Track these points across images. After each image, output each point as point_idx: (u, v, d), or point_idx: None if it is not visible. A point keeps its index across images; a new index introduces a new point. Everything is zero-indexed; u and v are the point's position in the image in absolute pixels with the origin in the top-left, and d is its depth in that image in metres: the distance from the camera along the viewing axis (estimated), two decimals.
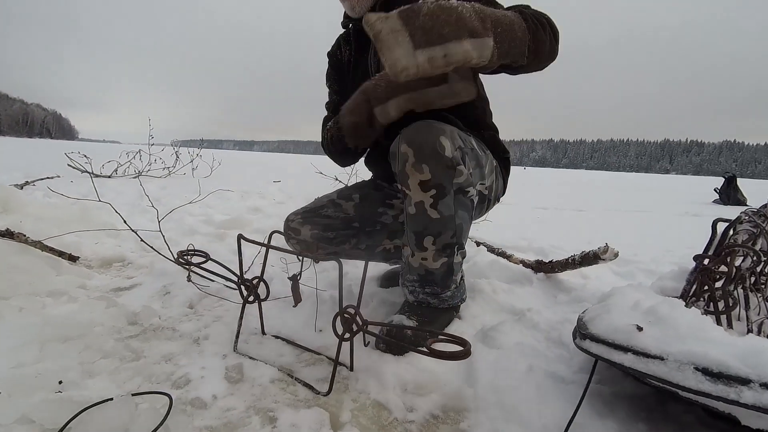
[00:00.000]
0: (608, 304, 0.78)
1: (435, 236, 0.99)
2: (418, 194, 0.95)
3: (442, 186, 0.94)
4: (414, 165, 0.91)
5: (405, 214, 1.04)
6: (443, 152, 0.90)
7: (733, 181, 6.95)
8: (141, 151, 6.06)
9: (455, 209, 0.98)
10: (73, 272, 1.45)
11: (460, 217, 1.00)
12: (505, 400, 0.84)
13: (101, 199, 1.85)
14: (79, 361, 0.90)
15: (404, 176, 0.95)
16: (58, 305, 1.19)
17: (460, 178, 0.94)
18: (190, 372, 0.90)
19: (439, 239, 1.00)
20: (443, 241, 1.00)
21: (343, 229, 1.29)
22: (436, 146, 0.89)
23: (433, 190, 0.93)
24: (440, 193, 0.94)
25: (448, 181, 0.94)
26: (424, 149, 0.90)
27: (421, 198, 0.95)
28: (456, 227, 1.00)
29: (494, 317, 1.26)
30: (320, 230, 1.26)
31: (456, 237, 1.02)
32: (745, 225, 0.91)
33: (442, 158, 0.90)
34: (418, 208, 0.97)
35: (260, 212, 3.12)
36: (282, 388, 0.88)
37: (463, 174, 0.95)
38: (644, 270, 1.90)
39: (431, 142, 0.90)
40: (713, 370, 0.57)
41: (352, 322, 0.88)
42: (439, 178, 0.92)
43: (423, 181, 0.92)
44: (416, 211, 0.98)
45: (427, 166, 0.91)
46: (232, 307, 1.25)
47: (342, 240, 1.29)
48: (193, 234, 2.18)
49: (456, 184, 0.95)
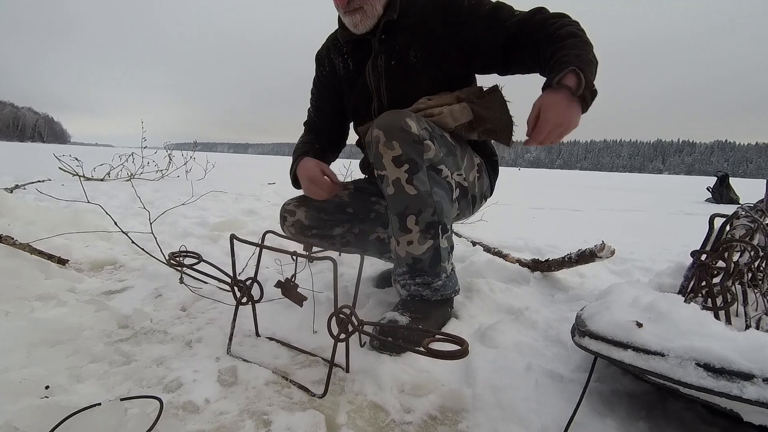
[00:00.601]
0: (607, 301, 0.77)
1: (416, 214, 1.01)
2: (393, 171, 0.99)
3: (414, 161, 0.98)
4: (385, 143, 0.97)
5: (386, 200, 1.06)
6: (410, 129, 0.96)
7: (726, 180, 7.01)
8: (134, 154, 6.00)
9: (431, 186, 1.01)
10: (63, 276, 1.42)
11: (438, 195, 1.03)
12: (503, 399, 0.82)
13: (92, 201, 1.82)
14: (67, 366, 0.88)
15: (378, 157, 1.00)
16: (47, 309, 1.16)
17: (429, 153, 0.99)
18: (183, 375, 0.88)
19: (420, 217, 1.02)
20: (425, 219, 1.02)
21: (337, 213, 1.30)
22: (402, 125, 0.96)
23: (405, 165, 0.98)
24: (413, 167, 0.98)
25: (418, 155, 0.98)
26: (392, 128, 0.96)
27: (397, 174, 0.99)
28: (435, 204, 1.02)
29: (492, 316, 1.25)
30: (315, 212, 1.27)
31: (437, 215, 1.03)
32: (742, 220, 0.91)
33: (409, 134, 0.96)
34: (396, 186, 1.01)
35: (255, 214, 3.09)
36: (277, 391, 0.86)
37: (432, 149, 0.99)
38: (641, 268, 1.90)
39: (398, 121, 0.97)
40: (715, 366, 0.56)
41: (348, 322, 0.86)
42: (409, 153, 0.97)
43: (395, 156, 0.97)
44: (395, 189, 1.01)
45: (396, 142, 0.96)
46: (225, 309, 1.23)
47: (335, 223, 1.30)
48: (186, 236, 2.15)
49: (427, 160, 0.99)
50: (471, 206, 1.26)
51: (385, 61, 1.08)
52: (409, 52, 1.05)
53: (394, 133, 0.97)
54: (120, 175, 5.54)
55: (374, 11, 1.02)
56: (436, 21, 1.02)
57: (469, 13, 1.04)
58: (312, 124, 1.34)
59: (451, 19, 1.05)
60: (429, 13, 1.01)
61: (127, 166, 5.71)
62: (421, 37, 1.03)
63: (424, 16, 1.02)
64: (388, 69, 1.08)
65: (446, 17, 1.04)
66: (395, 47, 1.06)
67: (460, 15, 1.05)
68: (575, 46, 0.91)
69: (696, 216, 4.69)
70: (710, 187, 7.25)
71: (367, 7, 1.01)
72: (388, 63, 1.08)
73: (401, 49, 1.05)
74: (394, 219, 1.04)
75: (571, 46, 0.91)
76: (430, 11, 1.02)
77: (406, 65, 1.06)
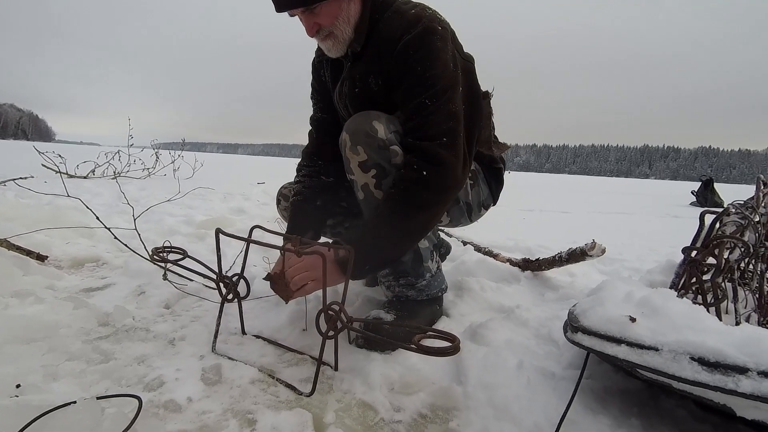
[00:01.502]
0: (600, 297, 0.76)
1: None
2: (361, 176, 0.99)
3: (381, 166, 0.97)
4: (351, 148, 0.97)
5: (360, 204, 1.05)
6: (375, 134, 0.95)
7: (710, 184, 7.14)
8: (120, 152, 5.89)
9: None
10: (42, 272, 1.37)
11: None
12: (495, 397, 0.81)
13: (74, 197, 1.77)
14: (42, 364, 0.84)
15: (347, 161, 1.00)
16: (23, 306, 1.11)
17: (396, 158, 0.97)
18: (164, 374, 0.85)
19: None
20: None
21: (332, 206, 1.26)
22: (368, 129, 0.95)
23: (373, 170, 0.97)
24: (380, 173, 0.98)
25: (385, 161, 0.97)
26: (358, 133, 0.96)
27: (365, 180, 0.99)
28: None
29: (483, 315, 1.24)
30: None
31: None
32: (732, 217, 0.91)
33: (374, 139, 0.95)
34: (365, 191, 1.00)
35: (244, 213, 3.04)
36: (262, 389, 0.83)
37: (398, 155, 0.97)
38: (630, 268, 1.91)
39: (364, 126, 0.96)
40: (710, 360, 0.55)
41: (337, 319, 0.84)
42: (375, 158, 0.96)
43: (361, 162, 0.97)
44: (364, 195, 1.01)
45: (361, 147, 0.96)
46: (211, 307, 1.20)
47: (329, 214, 1.26)
48: (172, 234, 2.10)
49: (395, 165, 0.98)
50: (466, 214, 1.23)
51: (349, 88, 1.08)
52: (369, 80, 1.03)
53: (359, 138, 0.96)
54: (105, 173, 5.42)
55: (345, 35, 1.00)
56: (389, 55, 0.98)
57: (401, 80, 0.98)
58: (320, 121, 1.26)
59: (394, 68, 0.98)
60: (386, 47, 0.98)
61: (113, 164, 5.60)
62: (378, 66, 1.01)
63: (383, 48, 0.98)
64: (351, 95, 1.08)
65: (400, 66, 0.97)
66: (356, 75, 1.05)
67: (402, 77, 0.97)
68: (375, 222, 0.95)
69: (682, 219, 4.77)
70: (695, 191, 7.38)
71: (337, 32, 0.99)
72: (352, 90, 1.07)
73: (361, 77, 1.04)
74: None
75: (372, 222, 0.95)
76: (387, 46, 0.98)
77: (368, 93, 1.05)
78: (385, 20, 1.00)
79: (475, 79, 1.10)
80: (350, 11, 0.98)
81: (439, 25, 0.97)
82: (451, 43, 1.00)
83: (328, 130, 1.21)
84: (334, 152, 1.23)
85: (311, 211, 1.16)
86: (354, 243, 0.92)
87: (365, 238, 0.94)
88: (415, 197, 0.92)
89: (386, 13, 1.01)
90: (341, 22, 0.98)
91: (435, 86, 0.94)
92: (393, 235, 0.94)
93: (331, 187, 1.22)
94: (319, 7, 0.94)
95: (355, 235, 0.95)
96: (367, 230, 0.95)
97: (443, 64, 0.95)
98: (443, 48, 0.96)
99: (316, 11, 0.95)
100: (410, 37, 0.95)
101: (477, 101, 1.07)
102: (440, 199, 0.96)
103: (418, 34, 0.94)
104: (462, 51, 1.07)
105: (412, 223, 0.94)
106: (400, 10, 1.00)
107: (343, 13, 0.97)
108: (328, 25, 0.97)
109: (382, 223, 0.94)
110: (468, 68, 1.07)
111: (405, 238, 0.97)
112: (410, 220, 0.94)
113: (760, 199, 1.04)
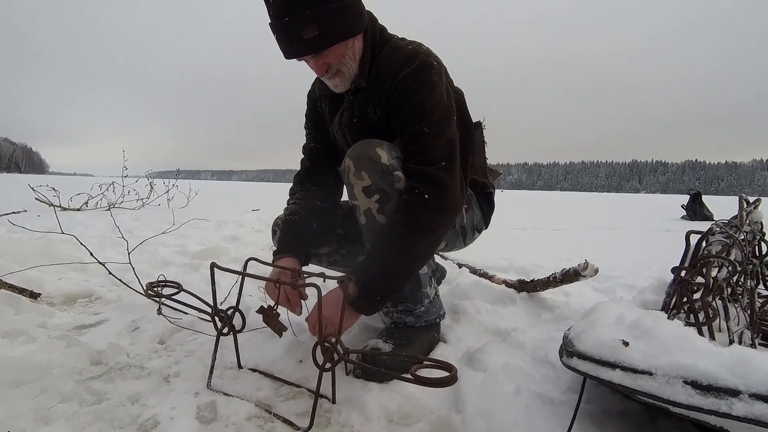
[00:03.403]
0: (592, 320, 0.77)
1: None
2: (365, 201, 1.01)
3: (384, 191, 0.99)
4: (354, 174, 0.99)
5: (361, 229, 1.06)
6: (379, 160, 0.98)
7: (698, 198, 7.23)
8: (114, 183, 5.89)
9: None
10: (34, 310, 1.35)
11: None
12: (493, 425, 0.80)
13: (67, 232, 1.76)
14: (33, 407, 0.82)
15: (350, 187, 1.01)
16: (14, 346, 1.09)
17: (399, 184, 1.00)
18: (159, 413, 0.84)
19: None
20: None
21: (327, 234, 1.28)
22: (371, 155, 0.98)
23: (376, 195, 0.99)
24: (384, 197, 0.99)
25: (389, 185, 0.99)
26: (361, 158, 0.98)
27: (368, 204, 1.00)
28: None
29: (479, 339, 1.23)
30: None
31: None
32: (717, 236, 0.93)
33: (378, 164, 0.97)
34: (367, 217, 1.02)
35: (238, 241, 3.04)
36: (259, 426, 0.82)
37: (401, 180, 1.00)
38: (623, 285, 1.92)
39: (367, 151, 0.98)
40: (702, 383, 0.56)
41: (333, 351, 0.84)
42: (379, 183, 0.98)
43: (365, 187, 0.99)
44: (366, 220, 1.02)
45: (365, 173, 0.98)
46: (206, 341, 1.18)
47: (323, 242, 1.28)
48: (166, 265, 2.09)
49: (398, 190, 1.00)
50: (461, 238, 1.26)
51: (348, 117, 1.12)
52: (368, 110, 1.08)
53: (362, 163, 0.98)
54: (99, 204, 5.40)
55: (351, 72, 1.05)
56: (388, 86, 1.03)
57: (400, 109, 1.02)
58: (312, 151, 1.28)
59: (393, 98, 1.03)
60: (385, 79, 1.03)
61: (107, 196, 5.59)
62: (377, 96, 1.06)
63: (382, 80, 1.04)
64: (350, 125, 1.12)
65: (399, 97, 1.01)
66: (355, 106, 1.09)
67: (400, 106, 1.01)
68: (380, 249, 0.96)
69: (673, 233, 4.82)
70: (684, 205, 7.47)
71: (344, 69, 1.04)
72: (351, 119, 1.11)
73: (360, 107, 1.08)
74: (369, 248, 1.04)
75: (377, 250, 0.97)
76: (386, 78, 1.03)
77: (366, 122, 1.09)
78: (384, 55, 1.06)
79: (466, 110, 1.17)
80: (355, 49, 1.04)
81: (435, 61, 1.04)
82: (444, 78, 1.06)
83: (320, 159, 1.26)
84: (325, 180, 1.26)
85: (306, 231, 1.18)
86: (361, 275, 0.93)
87: (372, 269, 0.95)
88: (420, 221, 0.94)
89: (385, 48, 1.07)
90: (348, 59, 1.03)
91: (432, 115, 0.99)
92: (400, 262, 0.96)
93: (326, 213, 1.24)
94: (328, 49, 0.99)
95: (360, 268, 0.96)
96: (372, 261, 0.96)
97: (439, 95, 1.01)
98: (438, 81, 1.02)
99: (324, 54, 0.99)
100: (408, 70, 1.01)
101: (469, 130, 1.13)
102: (444, 221, 0.98)
103: (416, 68, 1.01)
104: (452, 85, 1.14)
105: (419, 247, 0.96)
106: (397, 46, 1.07)
107: (349, 51, 1.02)
108: (336, 64, 1.03)
109: (388, 250, 0.95)
110: (459, 101, 1.14)
111: (412, 264, 0.98)
112: (417, 244, 0.96)
113: (743, 218, 1.07)
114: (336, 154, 1.25)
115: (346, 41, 1.00)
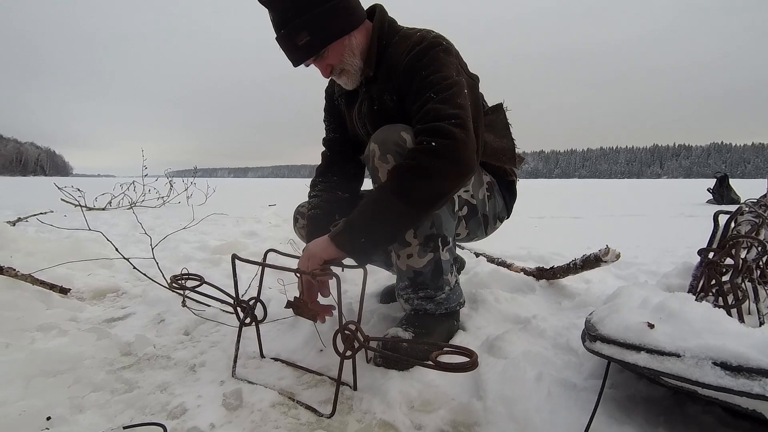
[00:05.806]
0: (616, 304, 0.75)
1: (414, 228, 1.01)
2: None
3: None
4: (380, 158, 0.98)
5: None
6: (404, 144, 0.97)
7: (726, 181, 7.00)
8: (135, 183, 6.04)
9: None
10: (65, 305, 1.41)
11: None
12: (516, 411, 0.80)
13: (94, 230, 1.82)
14: (68, 396, 0.86)
15: (375, 171, 1.00)
16: (48, 339, 1.14)
17: None
18: (186, 401, 0.86)
19: (419, 230, 1.02)
20: (424, 232, 1.02)
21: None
22: (397, 139, 0.97)
23: None
24: None
25: None
26: (387, 142, 0.98)
27: None
28: (434, 217, 1.02)
29: (499, 327, 1.23)
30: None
31: (436, 228, 1.03)
32: (746, 216, 0.90)
33: (403, 148, 0.96)
34: None
35: (256, 236, 3.08)
36: (283, 413, 0.83)
37: None
38: (646, 271, 1.88)
39: (393, 136, 0.98)
40: (732, 364, 0.55)
41: (353, 339, 0.84)
42: None
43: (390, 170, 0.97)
44: None
45: (391, 156, 0.97)
46: (229, 332, 1.21)
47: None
48: (188, 260, 2.14)
49: None
50: (483, 226, 1.25)
51: (368, 107, 1.13)
52: (385, 98, 1.09)
53: (388, 147, 0.97)
54: (121, 203, 5.56)
55: (356, 68, 1.07)
56: (399, 71, 1.04)
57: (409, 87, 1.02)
58: (332, 142, 1.31)
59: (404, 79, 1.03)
60: (395, 65, 1.04)
61: (128, 195, 5.74)
62: (391, 84, 1.07)
63: (393, 67, 1.05)
64: (370, 114, 1.13)
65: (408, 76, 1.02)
66: (373, 95, 1.11)
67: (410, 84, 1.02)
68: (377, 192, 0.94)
69: (698, 218, 4.68)
70: (710, 189, 7.24)
71: (347, 67, 1.06)
72: (371, 108, 1.12)
73: (378, 96, 1.10)
74: None
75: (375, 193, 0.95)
76: (396, 64, 1.04)
77: (386, 109, 1.10)
78: (393, 45, 1.08)
79: (478, 95, 1.15)
80: (353, 44, 1.05)
81: (443, 41, 1.04)
82: (455, 58, 1.05)
83: (341, 149, 1.29)
84: (346, 169, 1.28)
85: (329, 224, 1.19)
86: (352, 216, 0.92)
87: (365, 210, 0.92)
88: (422, 165, 0.88)
89: (394, 39, 1.08)
90: (348, 56, 1.05)
91: (440, 84, 0.97)
92: (394, 206, 0.90)
93: (348, 203, 1.24)
94: (325, 51, 1.02)
95: (355, 210, 0.94)
96: (367, 202, 0.93)
97: (447, 69, 1.00)
98: (446, 57, 1.02)
99: (324, 55, 1.03)
100: (416, 50, 1.02)
101: (480, 116, 1.11)
102: (449, 172, 0.90)
103: (423, 47, 1.02)
104: (467, 69, 1.12)
105: (416, 193, 0.89)
106: (406, 34, 1.08)
107: (346, 49, 1.04)
108: (338, 64, 1.05)
109: (383, 192, 0.92)
110: (472, 85, 1.12)
111: (407, 210, 0.90)
112: (414, 189, 0.89)
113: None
114: (356, 146, 1.26)
115: (342, 39, 1.02)
